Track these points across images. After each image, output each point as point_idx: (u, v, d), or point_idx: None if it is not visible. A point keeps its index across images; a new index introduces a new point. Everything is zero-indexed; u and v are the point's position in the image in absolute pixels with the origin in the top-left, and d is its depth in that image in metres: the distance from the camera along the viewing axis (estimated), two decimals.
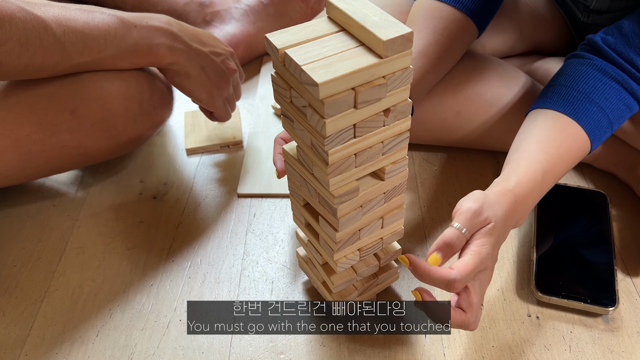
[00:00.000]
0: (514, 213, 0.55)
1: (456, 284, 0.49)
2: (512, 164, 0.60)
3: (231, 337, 0.63)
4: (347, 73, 0.41)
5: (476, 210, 0.52)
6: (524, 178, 0.58)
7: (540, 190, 0.59)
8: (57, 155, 0.71)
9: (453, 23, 0.69)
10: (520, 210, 0.57)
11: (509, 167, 0.60)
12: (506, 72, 0.81)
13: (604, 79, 0.64)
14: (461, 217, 0.52)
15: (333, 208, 0.50)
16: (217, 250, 0.74)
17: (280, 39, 0.45)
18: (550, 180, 0.60)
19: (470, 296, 0.52)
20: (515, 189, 0.56)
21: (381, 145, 0.49)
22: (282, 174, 0.64)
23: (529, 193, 0.57)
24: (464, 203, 0.53)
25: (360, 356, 0.61)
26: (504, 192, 0.56)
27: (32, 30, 0.58)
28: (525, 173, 0.58)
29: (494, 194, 0.55)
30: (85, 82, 0.68)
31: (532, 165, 0.59)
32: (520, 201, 0.56)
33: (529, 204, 0.58)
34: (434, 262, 0.50)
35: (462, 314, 0.51)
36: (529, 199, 0.58)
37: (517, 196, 0.56)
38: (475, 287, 0.52)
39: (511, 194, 0.56)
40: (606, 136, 0.65)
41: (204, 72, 0.74)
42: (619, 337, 0.62)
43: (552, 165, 0.59)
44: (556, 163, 0.60)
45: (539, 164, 0.59)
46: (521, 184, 0.57)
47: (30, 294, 0.68)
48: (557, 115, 0.63)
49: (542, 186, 0.59)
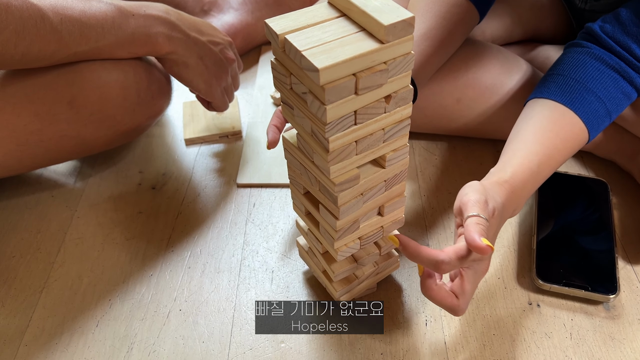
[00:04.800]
0: (510, 203, 0.55)
1: (444, 266, 0.49)
2: (508, 154, 0.60)
3: (231, 326, 0.63)
4: (347, 58, 0.41)
5: (485, 201, 0.52)
6: (519, 169, 0.58)
7: (536, 181, 0.59)
8: (55, 146, 0.70)
9: (455, 7, 0.69)
10: (516, 200, 0.57)
11: (505, 157, 0.60)
12: (507, 59, 0.81)
13: (601, 67, 0.64)
14: (476, 208, 0.51)
15: (334, 196, 0.50)
16: (217, 240, 0.73)
17: (280, 25, 0.44)
18: (547, 170, 0.60)
19: (463, 283, 0.52)
20: (511, 180, 0.56)
21: (382, 132, 0.48)
22: (272, 145, 0.64)
23: (524, 184, 0.57)
24: (470, 195, 0.52)
25: (361, 344, 0.61)
26: (500, 183, 0.56)
27: (28, 19, 0.58)
28: (521, 164, 0.58)
29: (490, 185, 0.55)
30: (82, 71, 0.68)
31: (528, 156, 0.59)
32: (516, 192, 0.56)
33: (525, 194, 0.58)
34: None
35: (454, 299, 0.52)
36: (524, 189, 0.58)
37: (513, 187, 0.56)
38: (469, 275, 0.52)
39: (507, 184, 0.56)
40: (604, 125, 0.64)
41: (202, 62, 0.74)
42: (620, 324, 0.62)
43: (548, 156, 0.59)
44: (552, 153, 0.60)
45: (534, 155, 0.59)
46: (517, 174, 0.57)
47: (29, 284, 0.68)
48: (554, 105, 0.63)
49: (538, 176, 0.59)
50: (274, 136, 0.65)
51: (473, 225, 0.49)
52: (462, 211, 0.52)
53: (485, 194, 0.52)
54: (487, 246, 0.47)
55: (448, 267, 0.49)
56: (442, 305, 0.52)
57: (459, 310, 0.52)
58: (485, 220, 0.50)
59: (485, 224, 0.49)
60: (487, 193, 0.53)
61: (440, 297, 0.52)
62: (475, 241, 0.47)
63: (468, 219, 0.50)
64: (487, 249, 0.47)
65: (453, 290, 0.52)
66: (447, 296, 0.52)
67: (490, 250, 0.47)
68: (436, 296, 0.52)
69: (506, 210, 0.55)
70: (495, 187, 0.55)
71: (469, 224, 0.49)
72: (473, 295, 0.54)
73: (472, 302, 0.64)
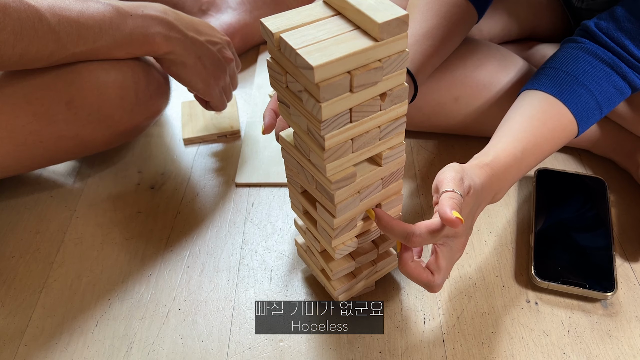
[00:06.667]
0: (490, 185, 0.56)
1: (414, 238, 0.50)
2: (493, 140, 0.61)
3: (230, 325, 0.63)
4: (342, 56, 0.41)
5: (461, 178, 0.52)
6: (502, 153, 0.58)
7: (520, 167, 0.59)
8: (53, 146, 0.70)
9: (455, 7, 0.70)
10: (497, 184, 0.57)
11: (490, 143, 0.61)
12: (504, 57, 0.81)
13: (594, 62, 0.64)
14: (451, 184, 0.51)
15: (330, 194, 0.50)
16: (216, 239, 0.73)
17: (275, 24, 0.45)
18: (531, 158, 0.60)
19: (438, 259, 0.52)
20: (492, 163, 0.57)
21: (378, 130, 0.48)
22: (268, 130, 0.64)
23: (506, 168, 0.57)
24: (447, 173, 0.53)
25: (359, 342, 0.61)
26: (480, 166, 0.56)
27: (26, 20, 0.58)
28: (503, 149, 0.59)
29: (470, 167, 0.55)
30: (81, 72, 0.68)
31: (512, 142, 0.59)
32: (496, 175, 0.56)
33: (507, 179, 0.58)
34: None
35: (429, 274, 0.52)
36: (506, 173, 0.58)
37: (494, 170, 0.56)
38: (444, 252, 0.53)
39: (488, 167, 0.56)
40: (595, 119, 0.65)
41: (201, 62, 0.74)
42: (618, 322, 0.62)
43: (534, 144, 0.60)
44: (538, 141, 0.60)
45: (518, 142, 0.59)
46: (499, 158, 0.57)
47: (28, 284, 0.68)
48: (544, 96, 0.63)
49: (522, 163, 0.59)
50: (271, 121, 0.65)
51: (446, 200, 0.49)
52: (438, 188, 0.53)
53: (462, 173, 0.53)
54: (457, 219, 0.47)
55: (419, 240, 0.50)
56: (417, 281, 0.53)
57: (435, 286, 0.53)
58: (460, 196, 0.50)
59: (458, 199, 0.50)
60: (465, 172, 0.53)
61: (416, 273, 0.52)
62: (446, 213, 0.47)
63: (442, 194, 0.50)
64: (457, 222, 0.47)
65: (428, 267, 0.53)
66: (422, 272, 0.52)
67: (460, 222, 0.47)
68: (412, 272, 0.52)
69: (485, 192, 0.55)
70: (474, 168, 0.55)
71: (442, 198, 0.50)
72: (449, 273, 0.54)
73: (470, 300, 0.65)
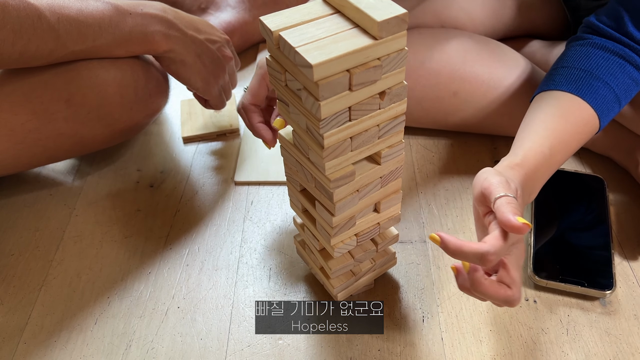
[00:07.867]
0: (525, 187, 0.54)
1: (490, 257, 0.46)
2: (517, 143, 0.59)
3: (229, 323, 0.63)
4: (341, 54, 0.41)
5: (506, 181, 0.50)
6: (530, 153, 0.56)
7: (550, 165, 0.58)
8: (52, 144, 0.70)
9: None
10: (530, 184, 0.55)
11: (515, 146, 0.59)
12: (504, 54, 0.81)
13: (605, 55, 0.64)
14: (501, 188, 0.49)
15: (329, 192, 0.50)
16: (215, 237, 0.74)
17: (274, 22, 0.45)
18: (559, 155, 0.59)
19: (510, 272, 0.49)
20: (522, 163, 0.55)
21: (377, 128, 0.48)
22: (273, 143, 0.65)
23: (537, 167, 0.56)
24: (491, 178, 0.50)
25: (358, 340, 0.61)
26: (511, 167, 0.54)
27: (25, 18, 0.58)
28: (531, 148, 0.57)
29: (503, 169, 0.54)
30: (80, 70, 0.68)
31: (538, 140, 0.57)
32: (528, 174, 0.55)
33: (538, 178, 0.57)
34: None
35: (507, 290, 0.49)
36: (537, 172, 0.56)
37: (526, 169, 0.54)
38: (512, 262, 0.50)
39: (519, 167, 0.54)
40: (615, 112, 0.64)
41: (200, 60, 0.74)
42: (616, 320, 0.62)
43: (560, 140, 0.58)
44: (563, 137, 0.59)
45: (545, 139, 0.57)
46: (528, 158, 0.56)
47: (28, 282, 0.68)
48: (561, 94, 0.62)
49: (551, 161, 0.58)
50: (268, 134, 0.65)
51: (505, 206, 0.46)
52: (485, 197, 0.50)
53: (504, 175, 0.51)
54: (524, 224, 0.44)
55: (495, 257, 0.46)
56: (496, 299, 0.49)
57: (515, 300, 0.49)
58: (515, 199, 0.47)
59: (515, 203, 0.47)
60: (505, 175, 0.51)
61: (493, 291, 0.48)
62: (510, 221, 0.45)
63: (497, 201, 0.47)
64: (525, 227, 0.44)
65: (503, 281, 0.49)
66: (500, 288, 0.48)
67: (528, 227, 0.45)
68: (489, 291, 0.48)
69: (524, 193, 0.53)
70: (508, 170, 0.53)
71: (499, 205, 0.47)
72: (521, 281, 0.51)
73: (469, 298, 0.65)
